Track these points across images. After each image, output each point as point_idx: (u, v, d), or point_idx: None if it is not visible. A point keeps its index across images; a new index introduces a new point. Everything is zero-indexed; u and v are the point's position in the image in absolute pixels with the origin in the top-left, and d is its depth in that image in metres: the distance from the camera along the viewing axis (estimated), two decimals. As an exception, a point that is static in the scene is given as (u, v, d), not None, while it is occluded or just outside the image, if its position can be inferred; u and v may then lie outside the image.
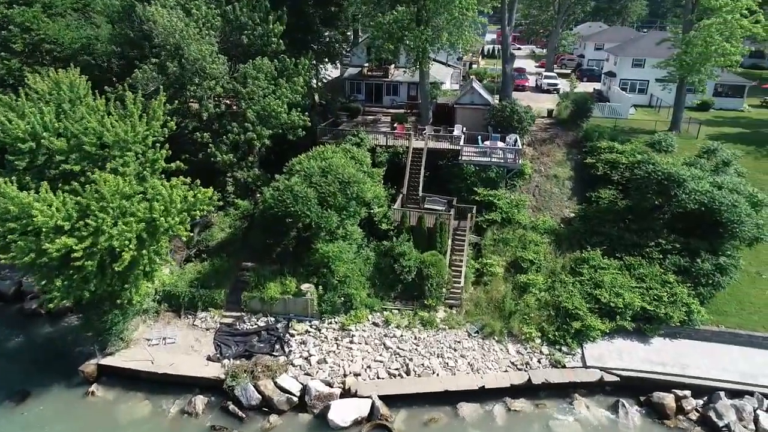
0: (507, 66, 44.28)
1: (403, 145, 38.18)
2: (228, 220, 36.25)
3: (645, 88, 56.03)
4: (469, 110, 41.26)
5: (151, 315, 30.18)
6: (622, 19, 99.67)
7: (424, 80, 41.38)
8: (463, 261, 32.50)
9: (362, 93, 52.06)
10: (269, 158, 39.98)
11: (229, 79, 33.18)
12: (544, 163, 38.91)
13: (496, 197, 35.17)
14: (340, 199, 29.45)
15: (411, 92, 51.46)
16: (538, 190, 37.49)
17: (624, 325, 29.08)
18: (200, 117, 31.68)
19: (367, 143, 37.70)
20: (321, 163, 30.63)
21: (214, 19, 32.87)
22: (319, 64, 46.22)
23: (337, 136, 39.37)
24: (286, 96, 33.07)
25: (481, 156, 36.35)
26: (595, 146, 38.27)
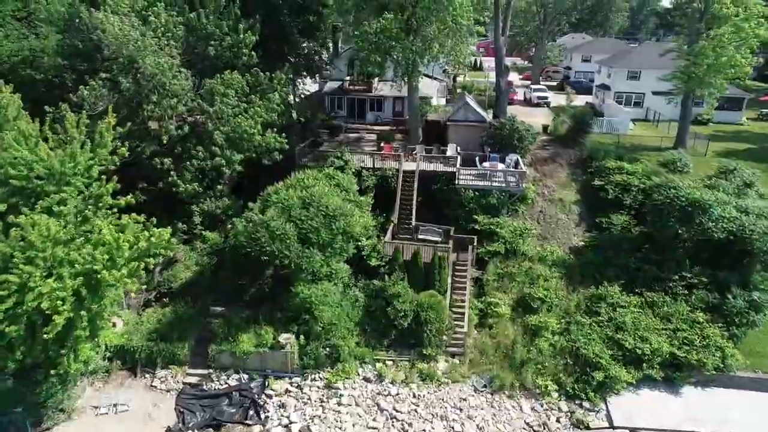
0: (501, 79, 40.88)
1: (392, 167, 34.25)
2: (194, 256, 31.73)
3: (641, 101, 53.34)
4: (463, 128, 37.63)
5: (100, 376, 25.46)
6: (604, 30, 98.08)
7: (413, 95, 37.65)
8: (466, 301, 28.57)
9: (343, 109, 48.12)
10: (241, 183, 35.68)
11: (194, 96, 28.86)
12: (548, 186, 35.38)
13: (498, 225, 31.41)
14: (325, 235, 25.30)
15: (396, 107, 47.74)
16: (542, 216, 33.87)
17: (651, 374, 25.46)
18: (160, 140, 27.26)
19: (352, 166, 33.70)
20: (301, 192, 26.47)
21: (176, 28, 28.61)
22: (297, 79, 42.15)
23: (318, 158, 35.28)
24: (260, 115, 28.91)
25: (479, 179, 32.62)
26: (603, 167, 34.90)
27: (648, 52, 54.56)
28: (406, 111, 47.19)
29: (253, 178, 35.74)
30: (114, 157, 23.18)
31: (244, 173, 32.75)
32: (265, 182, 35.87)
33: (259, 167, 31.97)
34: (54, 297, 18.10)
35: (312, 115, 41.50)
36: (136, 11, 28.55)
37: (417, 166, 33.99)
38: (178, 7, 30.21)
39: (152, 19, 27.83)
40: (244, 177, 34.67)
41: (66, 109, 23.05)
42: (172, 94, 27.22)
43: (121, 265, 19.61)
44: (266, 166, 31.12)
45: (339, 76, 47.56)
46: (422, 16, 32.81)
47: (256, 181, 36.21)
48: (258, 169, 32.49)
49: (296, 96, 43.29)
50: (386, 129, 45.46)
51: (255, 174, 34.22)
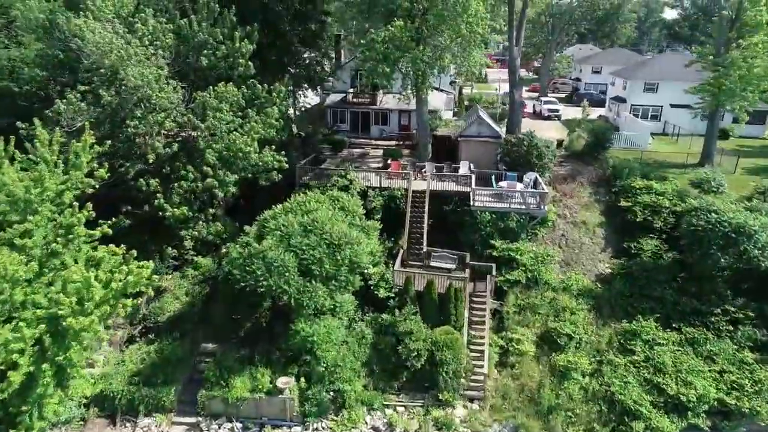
0: (515, 91, 38.34)
1: (401, 187, 31.57)
2: (185, 285, 28.95)
3: (658, 115, 50.77)
4: (476, 144, 34.98)
5: (74, 425, 22.52)
6: (611, 41, 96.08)
7: (423, 109, 35.06)
8: (485, 337, 25.70)
9: (347, 122, 45.55)
10: (237, 203, 33.03)
11: (185, 110, 26.20)
12: (569, 207, 32.64)
13: (517, 251, 28.60)
14: (329, 266, 22.49)
15: (402, 121, 45.17)
16: (564, 241, 31.09)
17: (697, 424, 22.56)
18: (146, 159, 24.56)
19: (357, 185, 31.02)
20: (302, 218, 23.70)
21: (165, 36, 26.02)
22: (298, 91, 39.61)
23: (320, 177, 32.63)
24: (257, 131, 26.23)
25: (496, 201, 29.88)
26: (628, 186, 32.17)
27: (666, 62, 52.12)
28: (412, 125, 44.70)
29: (249, 198, 33.17)
30: (91, 180, 20.44)
31: (239, 193, 30.15)
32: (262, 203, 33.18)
33: (257, 187, 29.29)
34: (9, 349, 15.26)
35: (313, 129, 38.88)
36: (122, 17, 26.00)
37: (428, 186, 31.31)
38: (169, 14, 27.68)
39: (139, 26, 25.25)
40: (241, 197, 32.10)
41: (37, 126, 20.30)
42: (160, 108, 24.56)
43: (91, 310, 16.78)
44: (264, 185, 28.39)
45: (342, 88, 45.07)
46: (434, 23, 30.31)
47: (253, 202, 33.63)
48: (255, 188, 29.83)
49: (297, 109, 40.69)
50: (392, 144, 42.92)
51: (252, 194, 31.64)
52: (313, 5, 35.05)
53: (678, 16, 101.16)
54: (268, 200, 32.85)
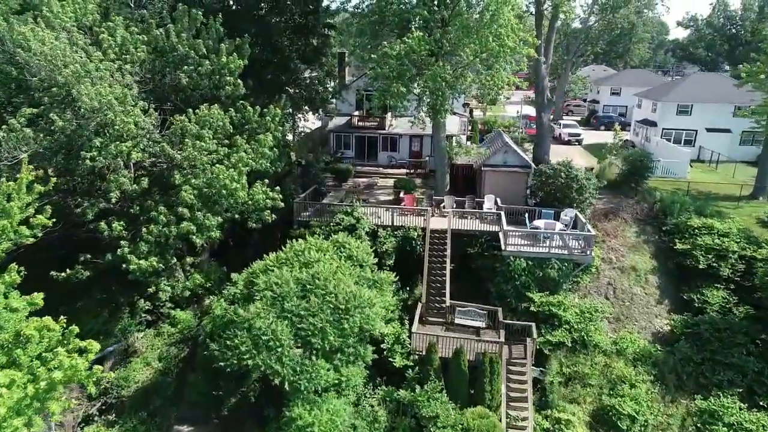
0: (544, 114, 33.90)
1: (417, 225, 26.86)
2: (159, 345, 24.06)
3: (692, 139, 46.33)
4: (502, 174, 30.33)
5: None
6: (624, 62, 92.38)
7: (440, 134, 30.52)
8: (528, 419, 20.65)
9: (351, 148, 41.05)
10: (225, 242, 28.25)
11: (160, 137, 21.58)
12: (614, 249, 27.83)
13: (560, 306, 23.69)
14: (333, 337, 17.57)
15: (413, 146, 40.66)
16: (612, 290, 26.22)
17: None
18: (108, 197, 19.86)
19: (365, 224, 26.32)
20: (300, 272, 18.85)
21: (137, 49, 21.54)
22: (297, 113, 35.14)
23: (322, 213, 27.96)
24: (246, 163, 21.56)
25: (532, 244, 25.08)
26: (683, 224, 27.46)
27: (701, 83, 47.88)
28: (425, 151, 40.20)
29: (240, 237, 28.58)
30: (24, 228, 15.72)
31: (227, 232, 25.47)
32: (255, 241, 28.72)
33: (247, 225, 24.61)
34: None
35: (314, 156, 34.32)
36: (85, 27, 21.58)
37: (449, 224, 26.58)
38: (144, 23, 23.28)
39: (104, 37, 20.78)
40: (230, 236, 27.44)
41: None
42: (127, 135, 19.92)
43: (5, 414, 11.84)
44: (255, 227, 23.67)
45: (346, 110, 40.67)
46: (456, 36, 25.94)
47: (243, 241, 29.06)
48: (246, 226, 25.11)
49: (295, 134, 36.19)
50: (402, 173, 38.35)
51: (242, 233, 27.00)
52: (314, 17, 30.81)
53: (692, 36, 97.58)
54: (261, 239, 28.39)
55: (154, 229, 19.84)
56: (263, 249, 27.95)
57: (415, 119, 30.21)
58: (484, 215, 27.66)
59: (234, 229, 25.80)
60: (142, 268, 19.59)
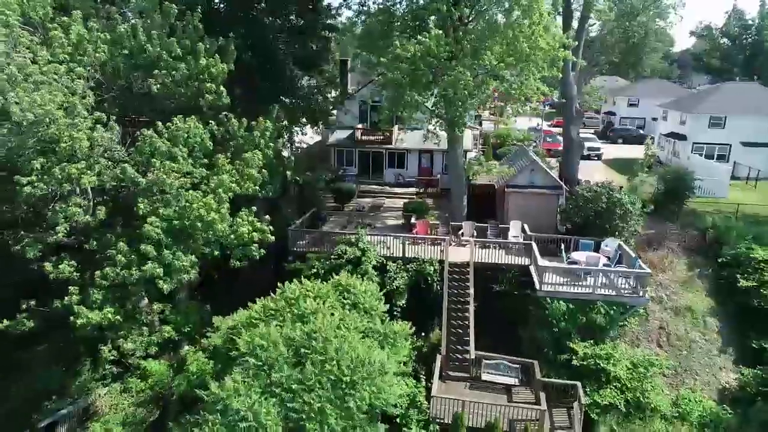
0: (572, 128, 30.01)
1: (432, 257, 22.87)
2: (125, 405, 19.97)
3: (726, 154, 42.40)
4: (528, 197, 26.35)
5: None
6: (636, 73, 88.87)
7: (457, 150, 26.64)
8: None
9: (354, 165, 37.15)
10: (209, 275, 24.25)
11: (126, 155, 17.64)
12: (663, 285, 23.77)
13: (608, 359, 19.54)
14: (335, 420, 13.42)
15: (423, 163, 36.76)
16: (665, 337, 22.11)
17: None
18: (55, 231, 15.86)
19: (372, 256, 22.35)
20: (293, 329, 14.77)
21: (97, 50, 17.65)
22: (295, 127, 31.22)
23: (322, 242, 24.02)
24: (228, 187, 17.57)
25: (572, 282, 20.97)
26: (744, 256, 23.40)
27: (735, 93, 44.04)
28: (436, 168, 36.32)
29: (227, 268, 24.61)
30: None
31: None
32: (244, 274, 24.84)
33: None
34: None
35: (313, 175, 30.39)
36: (36, 21, 17.74)
37: (471, 256, 22.57)
38: (109, 18, 19.43)
39: (55, 34, 16.91)
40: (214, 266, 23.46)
41: None
42: (80, 154, 15.97)
43: None
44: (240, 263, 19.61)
45: (349, 122, 36.84)
46: (478, 36, 22.12)
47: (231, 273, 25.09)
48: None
49: (293, 150, 32.28)
50: (411, 193, 34.42)
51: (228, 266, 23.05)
52: (313, 17, 27.04)
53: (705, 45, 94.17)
54: (252, 271, 24.46)
55: (109, 272, 15.78)
56: (254, 283, 24.12)
57: (428, 133, 26.31)
58: (512, 245, 23.64)
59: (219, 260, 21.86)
60: (93, 322, 15.49)
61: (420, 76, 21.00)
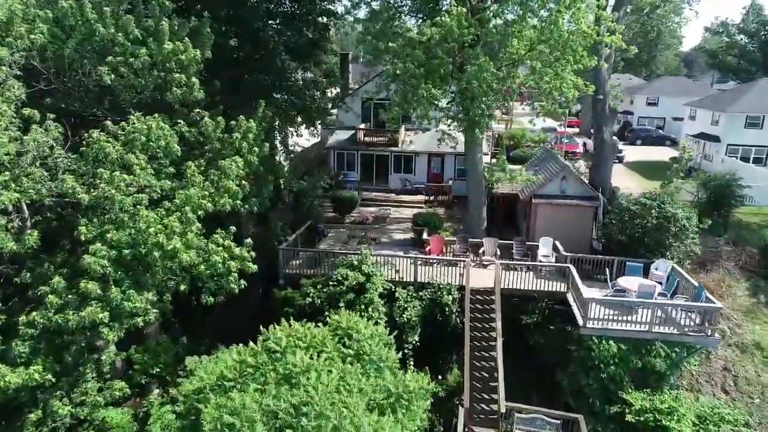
0: (605, 129, 26.31)
1: (450, 282, 19.21)
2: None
3: (763, 158, 38.72)
4: (559, 209, 22.62)
5: None
6: (650, 71, 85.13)
7: (476, 153, 22.96)
8: None
9: (356, 169, 33.47)
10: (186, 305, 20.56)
11: (69, 163, 13.92)
12: (724, 315, 19.98)
13: (670, 414, 15.79)
14: None
15: (433, 168, 33.06)
16: (732, 381, 18.36)
17: None
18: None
19: (378, 281, 18.69)
20: (277, 396, 11.03)
21: (34, 31, 13.97)
22: (289, 127, 27.49)
23: (318, 263, 20.34)
24: (198, 204, 13.84)
25: (621, 316, 17.20)
26: (820, 281, 19.72)
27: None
28: (447, 173, 32.62)
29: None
30: None
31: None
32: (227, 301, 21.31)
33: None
34: None
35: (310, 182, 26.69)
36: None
37: (497, 281, 18.87)
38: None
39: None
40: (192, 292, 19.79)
41: None
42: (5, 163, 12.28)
43: None
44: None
45: (350, 122, 33.17)
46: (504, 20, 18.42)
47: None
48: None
49: (288, 153, 28.56)
50: (419, 201, 30.76)
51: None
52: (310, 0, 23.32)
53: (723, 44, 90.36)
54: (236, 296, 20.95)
55: (38, 318, 12.06)
56: (240, 307, 20.70)
57: (443, 135, 22.61)
58: (542, 268, 19.93)
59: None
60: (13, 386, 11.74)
61: (437, 66, 17.29)
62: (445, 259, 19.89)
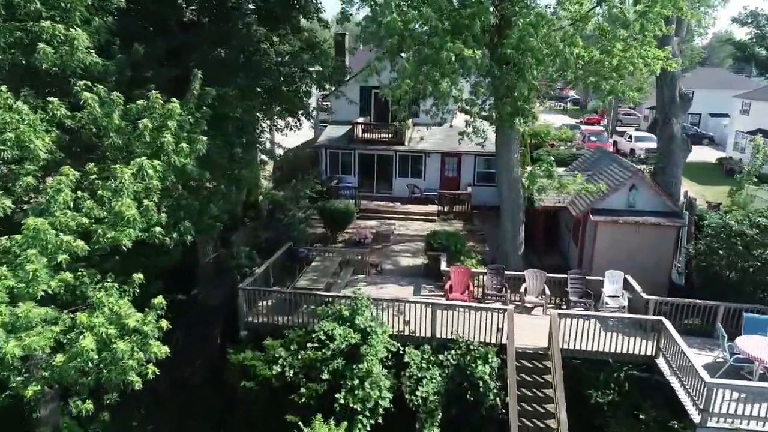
0: (675, 120, 20.14)
1: (484, 342, 13.17)
2: None
3: (837, 159, 32.46)
4: (628, 230, 16.44)
5: None
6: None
7: (510, 153, 16.86)
8: None
9: (353, 172, 27.43)
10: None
11: None
12: None
13: None
14: None
15: (447, 171, 26.96)
16: None
17: None
18: None
19: (380, 341, 12.68)
20: None
21: None
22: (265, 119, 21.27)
23: (291, 308, 14.24)
24: (59, 245, 7.71)
25: (754, 406, 11.09)
26: None
27: None
28: (464, 178, 26.59)
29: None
30: None
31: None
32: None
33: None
34: None
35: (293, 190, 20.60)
36: None
37: (554, 338, 12.77)
38: None
39: None
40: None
41: None
42: None
43: None
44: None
45: (344, 114, 27.11)
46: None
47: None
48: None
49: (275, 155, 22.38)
50: (430, 212, 24.74)
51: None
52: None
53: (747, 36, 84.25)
54: (189, 341, 15.30)
55: None
56: (190, 357, 14.99)
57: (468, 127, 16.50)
58: (610, 321, 13.83)
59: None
60: None
61: (470, 17, 11.21)
62: (480, 306, 13.78)
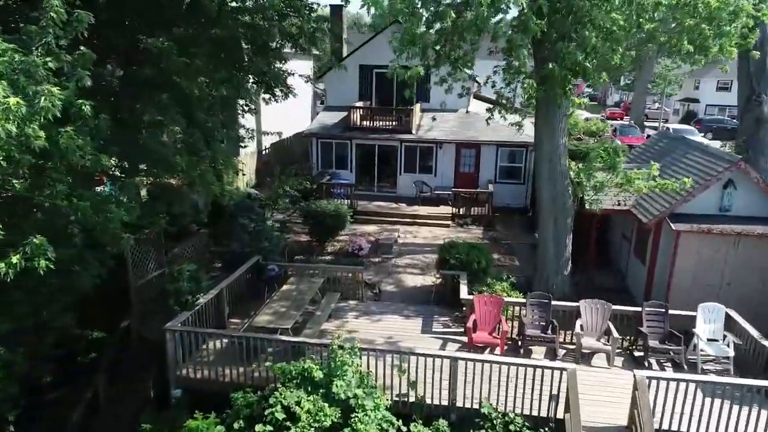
0: (766, 99, 15.52)
1: (529, 414, 8.60)
2: None
3: None
4: (723, 242, 11.87)
5: None
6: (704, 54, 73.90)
7: (558, 140, 12.26)
8: None
9: (349, 165, 22.96)
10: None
11: None
12: None
13: None
14: None
15: (464, 166, 22.39)
16: None
17: None
18: None
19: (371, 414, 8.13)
20: None
21: None
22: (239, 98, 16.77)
23: (244, 358, 9.75)
24: None
25: None
26: None
27: None
28: (485, 175, 22.03)
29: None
30: None
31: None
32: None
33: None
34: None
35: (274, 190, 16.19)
36: None
37: (638, 413, 8.18)
38: None
39: None
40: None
41: None
42: None
43: None
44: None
45: (339, 98, 22.64)
46: None
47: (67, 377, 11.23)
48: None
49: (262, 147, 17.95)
50: (443, 214, 20.23)
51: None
52: None
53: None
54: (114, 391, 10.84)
55: None
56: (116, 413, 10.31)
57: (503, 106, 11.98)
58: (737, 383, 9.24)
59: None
60: None
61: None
62: (523, 363, 9.26)
